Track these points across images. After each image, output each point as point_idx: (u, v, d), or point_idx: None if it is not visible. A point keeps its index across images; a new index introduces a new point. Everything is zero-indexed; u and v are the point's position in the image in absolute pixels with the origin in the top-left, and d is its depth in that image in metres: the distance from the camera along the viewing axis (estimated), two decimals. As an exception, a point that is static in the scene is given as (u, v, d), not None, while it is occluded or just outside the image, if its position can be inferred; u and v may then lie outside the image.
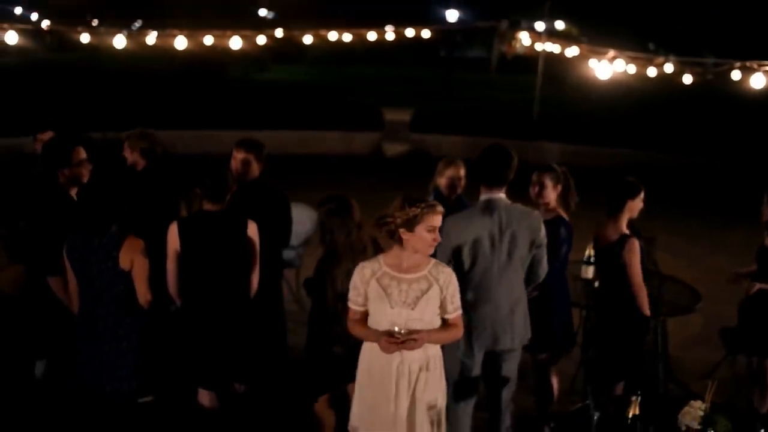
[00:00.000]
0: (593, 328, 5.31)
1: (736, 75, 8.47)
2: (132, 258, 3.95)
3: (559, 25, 28.11)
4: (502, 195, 4.31)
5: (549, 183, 4.95)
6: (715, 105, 19.58)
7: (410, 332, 3.51)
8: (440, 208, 3.61)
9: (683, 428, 3.46)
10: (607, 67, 8.96)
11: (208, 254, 4.14)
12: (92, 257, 3.95)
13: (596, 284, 5.56)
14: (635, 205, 4.83)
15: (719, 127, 17.52)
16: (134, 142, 5.30)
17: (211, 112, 17.36)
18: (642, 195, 4.83)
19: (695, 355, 6.51)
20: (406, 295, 3.59)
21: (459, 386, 4.36)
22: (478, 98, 25.48)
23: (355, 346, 3.99)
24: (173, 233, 4.12)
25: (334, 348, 4.18)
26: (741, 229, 10.52)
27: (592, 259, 5.78)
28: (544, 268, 4.47)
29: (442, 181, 5.27)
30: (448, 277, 3.66)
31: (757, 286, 5.11)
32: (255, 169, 5.08)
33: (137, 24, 33.99)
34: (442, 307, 3.65)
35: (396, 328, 3.53)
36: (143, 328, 4.13)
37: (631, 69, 8.94)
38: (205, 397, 4.31)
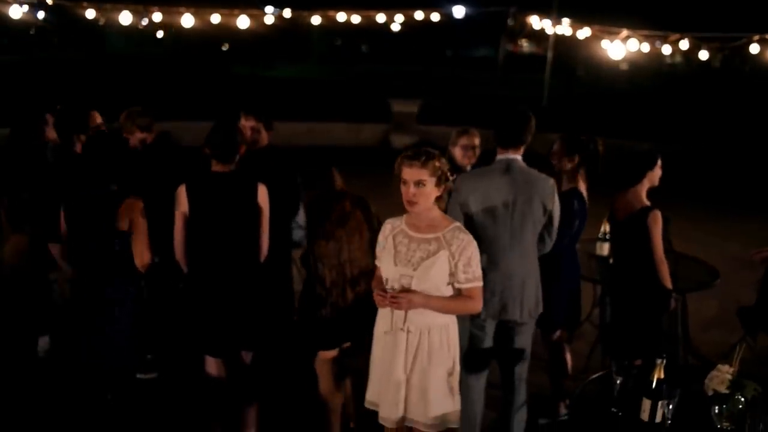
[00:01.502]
0: (611, 304, 5.18)
1: (754, 48, 8.27)
2: (130, 218, 3.83)
3: (566, 22, 27.98)
4: (518, 157, 4.18)
5: (566, 151, 4.82)
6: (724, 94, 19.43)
7: (403, 290, 3.36)
8: (416, 161, 3.35)
9: (710, 393, 3.33)
10: (620, 47, 8.79)
11: (218, 216, 3.99)
12: (89, 216, 3.83)
13: (611, 261, 5.44)
14: (654, 175, 4.71)
15: (729, 116, 17.38)
16: (134, 122, 5.15)
17: (218, 105, 17.28)
18: (660, 163, 4.71)
19: (712, 337, 6.37)
20: (412, 254, 3.43)
21: (470, 359, 4.21)
22: (485, 95, 25.36)
23: (346, 309, 3.97)
24: (182, 195, 3.98)
25: (320, 310, 4.08)
26: (755, 218, 10.44)
27: (607, 236, 5.67)
28: (552, 239, 4.30)
29: (456, 150, 5.14)
30: (463, 244, 3.42)
31: None
32: (264, 137, 4.97)
33: (145, 21, 34.17)
34: (453, 275, 3.45)
35: (389, 285, 3.40)
36: (140, 294, 4.00)
37: (645, 48, 8.77)
38: (212, 366, 4.18)
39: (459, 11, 24.22)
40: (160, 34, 33.45)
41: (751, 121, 16.27)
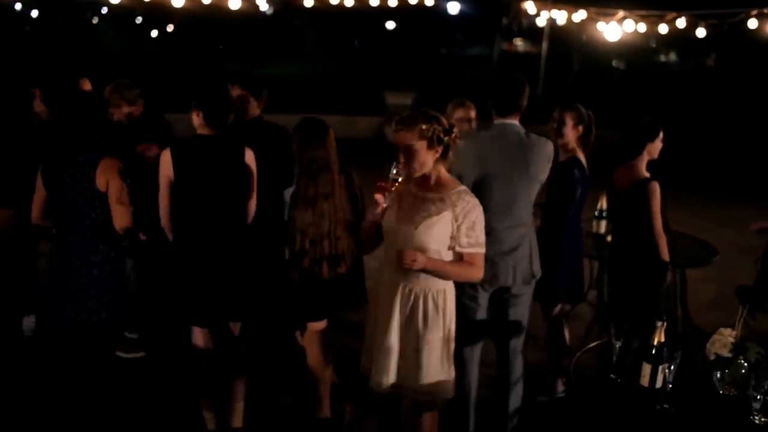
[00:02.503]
0: (608, 281, 5.09)
1: (752, 23, 8.17)
2: (108, 179, 3.69)
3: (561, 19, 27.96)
4: (515, 122, 4.07)
5: (570, 121, 4.72)
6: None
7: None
8: (401, 125, 3.29)
9: (712, 357, 3.23)
10: (616, 29, 8.70)
11: (204, 180, 3.87)
12: (68, 178, 3.71)
13: (608, 238, 5.36)
14: (654, 147, 4.62)
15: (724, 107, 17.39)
16: (121, 95, 5.03)
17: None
18: (661, 136, 4.62)
19: (711, 319, 6.26)
20: (415, 213, 3.33)
21: (462, 331, 4.09)
22: (480, 77, 25.31)
23: (330, 281, 3.92)
24: (166, 159, 3.85)
25: (289, 271, 3.99)
26: (752, 206, 10.37)
27: (604, 214, 5.58)
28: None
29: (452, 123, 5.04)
30: (468, 207, 3.32)
31: None
32: (254, 107, 4.81)
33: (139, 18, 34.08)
34: (454, 238, 3.35)
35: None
36: (120, 259, 3.89)
37: (642, 28, 8.68)
38: (198, 337, 4.06)
39: (453, 7, 24.23)
40: (154, 33, 33.51)
41: (745, 111, 16.28)
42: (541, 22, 14.32)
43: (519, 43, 38.67)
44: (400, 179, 3.27)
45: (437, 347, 3.42)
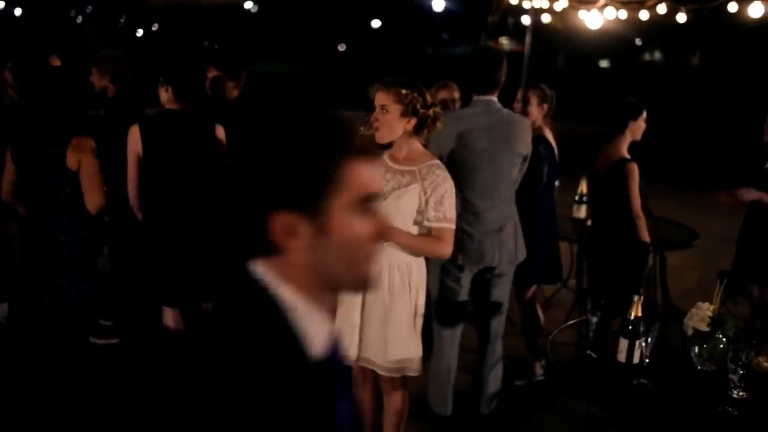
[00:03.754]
0: (587, 267, 5.04)
1: (732, 7, 8.16)
2: (80, 157, 3.59)
3: (546, 18, 28.03)
4: (494, 98, 4.00)
5: (534, 100, 4.70)
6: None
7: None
8: (383, 86, 3.22)
9: (690, 332, 3.18)
10: (597, 16, 8.69)
11: (173, 155, 3.78)
12: (38, 155, 3.61)
13: (588, 223, 5.31)
14: (637, 126, 4.56)
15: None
16: (103, 66, 4.94)
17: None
18: (644, 115, 4.57)
19: (691, 304, 6.24)
20: (385, 184, 3.26)
21: (443, 312, 4.05)
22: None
23: None
24: (134, 135, 3.76)
25: None
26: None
27: (584, 198, 5.54)
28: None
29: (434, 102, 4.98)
30: (437, 180, 3.25)
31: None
32: (230, 89, 4.68)
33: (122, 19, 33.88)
34: (422, 212, 3.27)
35: None
36: (91, 239, 3.79)
37: (623, 15, 8.66)
38: (169, 318, 3.97)
39: (438, 4, 24.20)
40: (139, 32, 33.30)
41: (727, 107, 16.39)
42: (525, 19, 14.31)
43: (504, 41, 38.81)
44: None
45: (403, 321, 3.33)
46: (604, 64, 34.38)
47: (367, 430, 3.69)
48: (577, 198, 5.60)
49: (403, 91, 3.22)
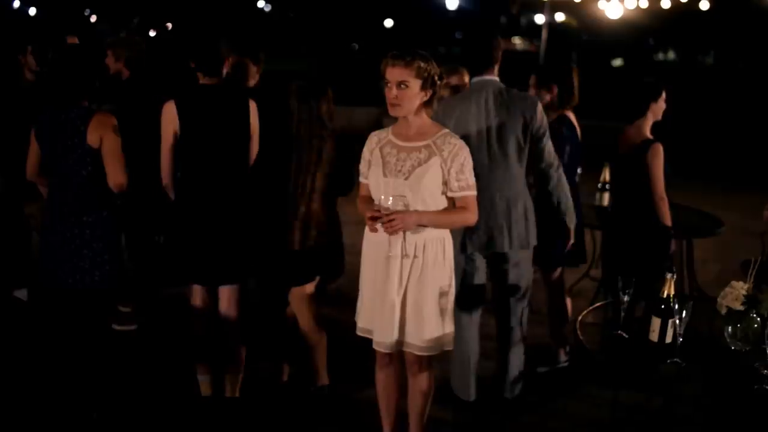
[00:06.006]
0: (611, 249, 4.97)
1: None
2: (101, 135, 3.55)
3: (559, 16, 28.00)
4: (493, 77, 3.95)
5: (533, 80, 4.66)
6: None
7: (391, 213, 3.09)
8: (400, 60, 3.12)
9: (724, 311, 3.12)
10: (618, 6, 8.61)
11: (212, 131, 3.69)
12: (59, 134, 3.58)
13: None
14: (658, 107, 4.50)
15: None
16: (118, 50, 4.92)
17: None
18: (664, 96, 4.51)
19: (715, 295, 6.17)
20: (402, 164, 3.20)
21: (460, 295, 3.98)
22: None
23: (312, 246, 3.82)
24: (171, 111, 3.65)
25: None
26: (755, 192, 10.28)
27: (606, 186, 5.48)
28: (550, 153, 4.05)
29: (445, 91, 4.93)
30: (454, 150, 3.19)
31: None
32: (253, 73, 4.62)
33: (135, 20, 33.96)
34: (446, 184, 3.22)
35: (382, 197, 3.15)
36: (114, 219, 3.76)
37: (644, 3, 8.57)
38: (198, 296, 3.91)
39: (452, 3, 24.18)
40: (152, 32, 33.39)
41: (743, 105, 16.28)
42: (539, 18, 14.25)
43: (517, 41, 38.73)
44: (391, 209, 3.12)
45: (437, 298, 3.30)
46: (617, 63, 34.29)
47: (391, 413, 3.64)
48: (599, 186, 5.54)
49: (422, 65, 3.16)
